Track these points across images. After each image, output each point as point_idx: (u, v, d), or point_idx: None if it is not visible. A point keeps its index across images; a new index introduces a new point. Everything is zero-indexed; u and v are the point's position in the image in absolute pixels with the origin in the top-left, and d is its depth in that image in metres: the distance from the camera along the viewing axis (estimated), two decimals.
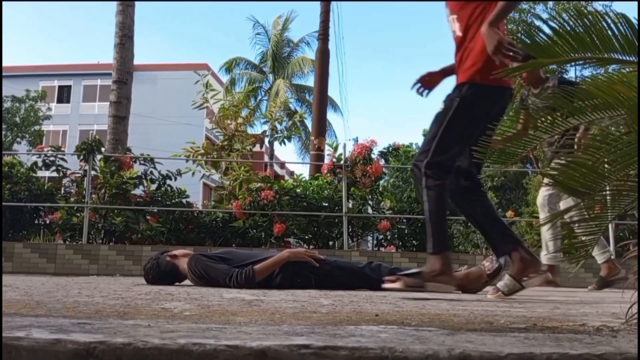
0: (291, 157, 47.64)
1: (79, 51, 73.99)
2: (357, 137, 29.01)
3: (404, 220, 7.04)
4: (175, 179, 6.96)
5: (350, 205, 6.59)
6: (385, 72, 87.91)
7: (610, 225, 5.94)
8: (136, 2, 9.27)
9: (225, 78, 28.25)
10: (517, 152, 1.64)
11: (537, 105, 4.31)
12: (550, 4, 18.31)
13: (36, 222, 7.04)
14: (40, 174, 7.11)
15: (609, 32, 1.34)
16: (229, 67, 27.88)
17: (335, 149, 7.11)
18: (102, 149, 7.04)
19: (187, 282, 3.36)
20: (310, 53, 27.83)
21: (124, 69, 8.98)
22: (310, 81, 28.07)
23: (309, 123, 24.91)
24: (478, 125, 2.48)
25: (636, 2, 1.85)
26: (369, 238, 8.00)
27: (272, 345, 0.90)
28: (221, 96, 8.10)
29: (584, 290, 4.96)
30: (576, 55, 1.41)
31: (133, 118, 9.73)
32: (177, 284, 3.39)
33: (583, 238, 1.63)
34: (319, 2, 12.21)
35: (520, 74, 4.12)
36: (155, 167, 6.89)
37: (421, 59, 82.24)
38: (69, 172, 7.02)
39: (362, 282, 3.22)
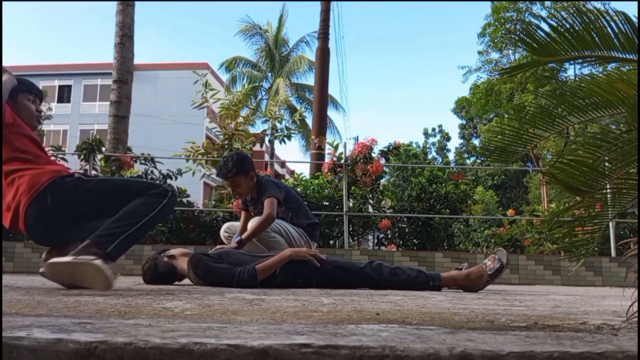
0: (295, 156, 47.74)
1: (79, 51, 74.01)
2: (357, 136, 29.03)
3: (405, 219, 7.04)
4: (176, 178, 6.95)
5: (351, 204, 6.59)
6: (385, 71, 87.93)
7: (610, 224, 5.94)
8: (136, 2, 9.28)
9: (225, 77, 28.27)
10: (518, 150, 1.64)
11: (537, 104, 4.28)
12: (548, 2, 18.30)
13: None
14: None
15: (609, 30, 1.34)
16: (229, 66, 27.88)
17: (336, 148, 7.11)
18: (103, 149, 7.04)
19: (186, 281, 3.36)
20: (309, 52, 27.84)
21: (124, 69, 8.98)
22: (309, 80, 28.08)
23: (309, 121, 24.89)
24: None
25: (636, 2, 1.85)
26: (370, 237, 8.01)
27: (273, 344, 0.90)
28: (221, 95, 8.10)
29: (585, 288, 4.96)
30: (575, 53, 1.41)
31: (133, 117, 9.73)
32: (176, 283, 3.38)
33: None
34: (319, 2, 12.22)
35: (235, 188, 4.11)
36: (155, 167, 6.89)
37: (422, 57, 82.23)
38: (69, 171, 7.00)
39: (363, 281, 3.22)
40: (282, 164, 36.91)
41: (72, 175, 2.62)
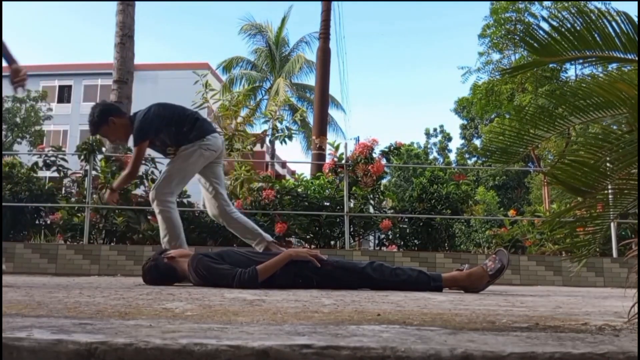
0: (296, 156, 47.76)
1: (79, 51, 74.02)
2: (358, 137, 29.02)
3: (406, 220, 7.03)
4: None
5: (352, 205, 6.59)
6: (386, 70, 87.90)
7: (612, 224, 5.93)
8: (136, 2, 9.28)
9: (225, 77, 28.27)
10: (519, 151, 1.64)
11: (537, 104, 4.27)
12: (547, 2, 18.28)
13: (37, 222, 7.03)
14: (41, 174, 7.11)
15: (610, 30, 1.33)
16: (227, 66, 27.84)
17: (337, 148, 7.10)
18: (103, 149, 7.04)
19: (186, 281, 3.36)
20: (309, 52, 27.83)
21: (125, 69, 8.98)
22: (309, 80, 28.07)
23: (311, 121, 24.87)
24: None
25: (636, 2, 1.85)
26: (371, 237, 8.00)
27: (274, 345, 0.90)
28: (219, 96, 8.10)
29: (586, 289, 4.95)
30: (577, 53, 1.41)
31: None
32: (176, 284, 3.38)
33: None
34: (319, 2, 12.23)
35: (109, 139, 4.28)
36: (156, 167, 6.88)
37: (423, 56, 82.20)
38: (69, 172, 7.02)
39: (364, 282, 3.22)
40: (283, 165, 36.92)
41: None
